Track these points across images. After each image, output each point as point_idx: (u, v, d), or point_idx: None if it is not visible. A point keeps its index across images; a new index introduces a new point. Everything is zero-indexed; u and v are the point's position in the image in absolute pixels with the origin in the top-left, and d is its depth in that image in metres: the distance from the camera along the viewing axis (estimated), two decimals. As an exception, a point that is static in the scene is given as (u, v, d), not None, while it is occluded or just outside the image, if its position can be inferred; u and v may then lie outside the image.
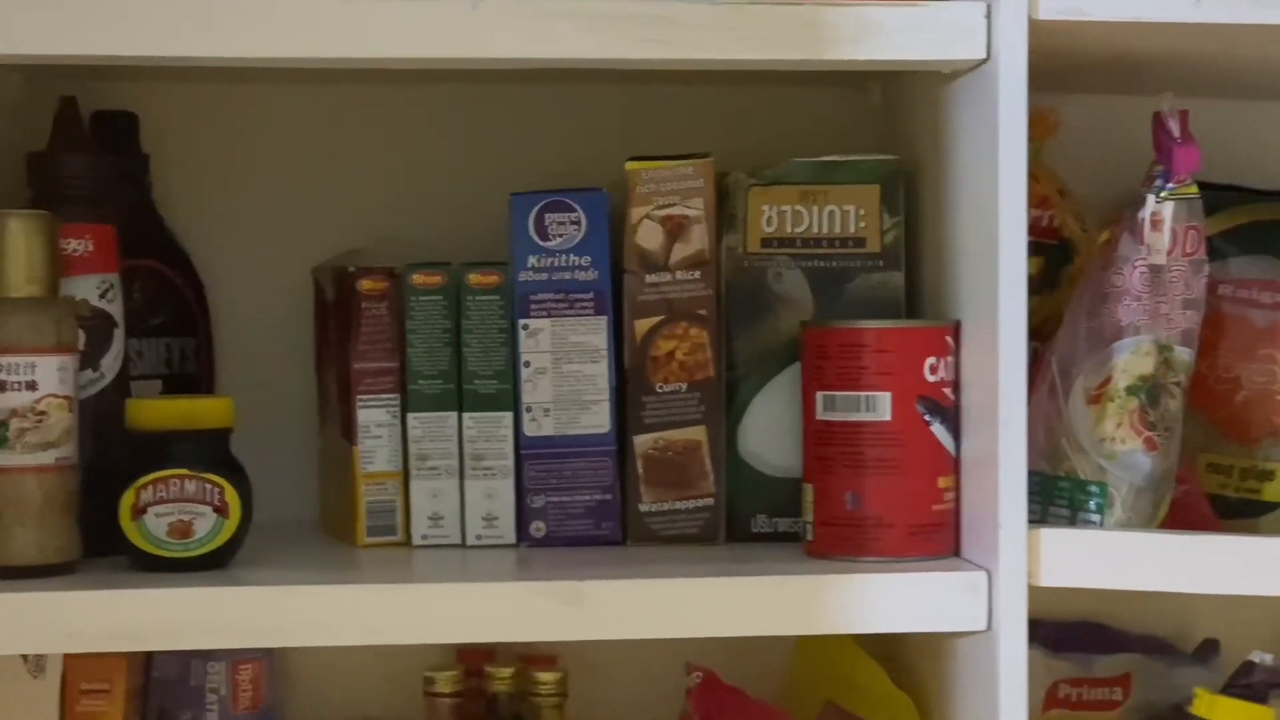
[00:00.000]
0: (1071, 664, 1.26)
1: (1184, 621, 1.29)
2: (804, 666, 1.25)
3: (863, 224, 1.16)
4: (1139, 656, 1.27)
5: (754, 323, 1.16)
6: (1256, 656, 1.19)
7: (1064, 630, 1.27)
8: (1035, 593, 1.24)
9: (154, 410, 1.06)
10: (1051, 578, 1.04)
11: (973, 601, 1.04)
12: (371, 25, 1.01)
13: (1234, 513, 1.21)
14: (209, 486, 1.04)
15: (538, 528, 1.15)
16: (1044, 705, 1.25)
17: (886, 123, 1.25)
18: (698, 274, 1.14)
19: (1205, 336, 1.20)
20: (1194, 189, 1.11)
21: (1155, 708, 1.25)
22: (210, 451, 1.05)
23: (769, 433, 1.16)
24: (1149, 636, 1.29)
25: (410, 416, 1.14)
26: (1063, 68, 1.17)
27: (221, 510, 1.04)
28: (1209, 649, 1.27)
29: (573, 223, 1.14)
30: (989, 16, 1.03)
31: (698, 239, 1.14)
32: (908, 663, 1.19)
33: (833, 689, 1.22)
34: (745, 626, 1.04)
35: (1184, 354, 1.11)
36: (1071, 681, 1.25)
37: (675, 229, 1.14)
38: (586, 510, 1.15)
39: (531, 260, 1.14)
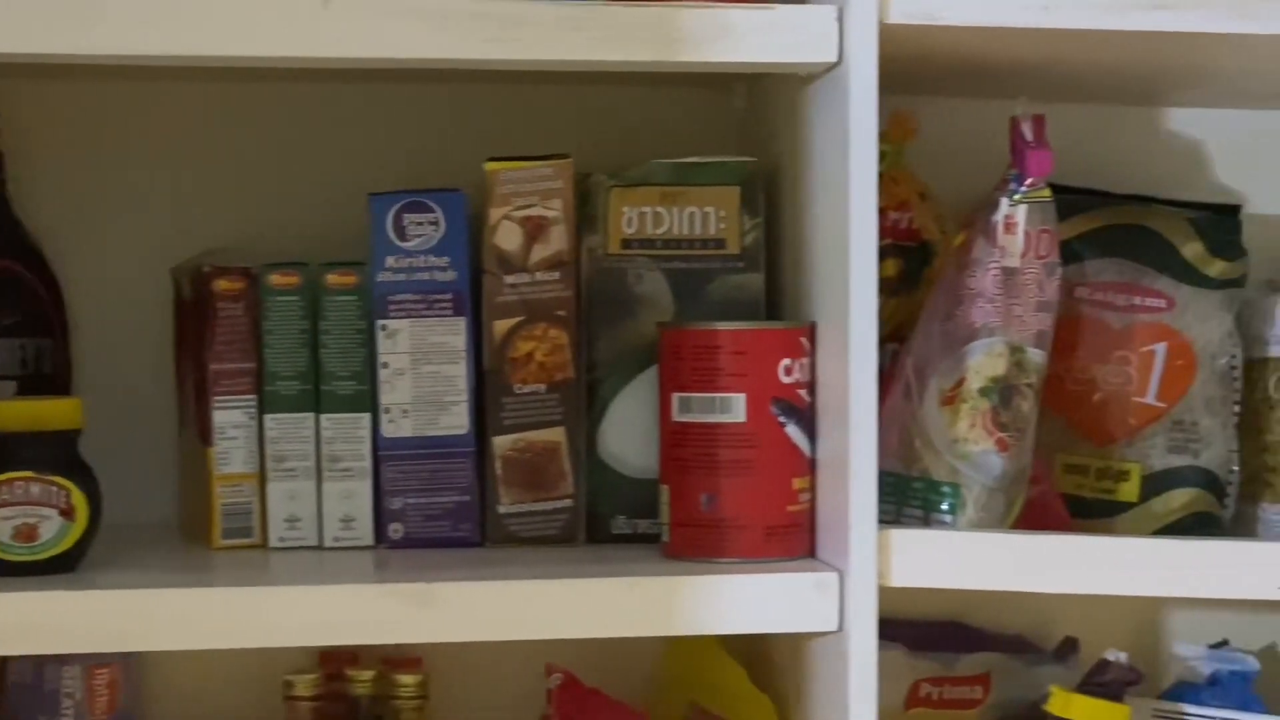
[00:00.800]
0: (933, 663, 1.27)
1: (1045, 620, 1.30)
2: (670, 668, 1.25)
3: (723, 225, 1.17)
4: (1000, 655, 1.28)
5: (614, 324, 1.16)
6: (1111, 655, 1.20)
7: (926, 629, 1.28)
8: (898, 592, 1.25)
9: (-1, 412, 1.05)
10: (902, 578, 1.05)
11: (824, 602, 1.05)
12: (222, 23, 1.00)
13: (1090, 513, 1.23)
14: (54, 489, 1.03)
15: (396, 529, 1.14)
16: (905, 704, 1.26)
17: (749, 125, 1.25)
18: (557, 275, 1.14)
19: (1062, 338, 1.21)
20: (1047, 192, 1.12)
21: (1014, 705, 1.26)
22: (57, 453, 1.04)
23: (629, 434, 1.16)
24: (1010, 635, 1.30)
25: (267, 418, 1.14)
26: (923, 71, 1.18)
27: (67, 513, 1.03)
28: (1068, 647, 1.29)
29: (431, 223, 1.14)
30: (840, 20, 1.04)
31: (557, 240, 1.14)
32: (769, 663, 1.19)
33: (698, 690, 1.22)
34: (597, 628, 1.04)
35: (1036, 355, 1.12)
36: (933, 680, 1.26)
37: (534, 230, 1.14)
38: (445, 512, 1.14)
39: (390, 261, 1.13)
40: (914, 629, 1.28)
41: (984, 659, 1.27)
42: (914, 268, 1.21)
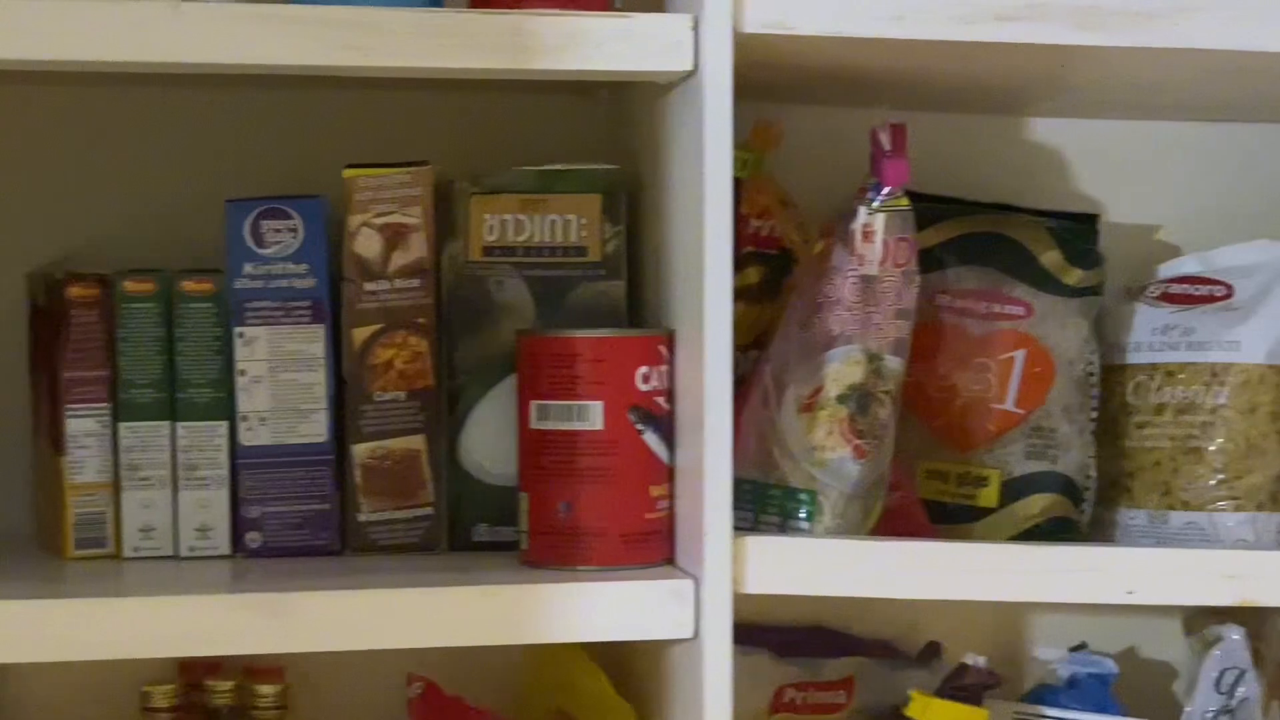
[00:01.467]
0: (799, 668, 1.27)
1: (910, 625, 1.31)
2: (534, 674, 1.25)
3: (584, 233, 1.17)
4: (864, 660, 1.29)
5: (476, 331, 1.16)
6: (970, 659, 1.21)
7: (792, 635, 1.29)
8: (764, 597, 1.26)
9: None
10: (757, 585, 1.06)
11: (679, 610, 1.05)
12: (74, 27, 0.99)
13: (951, 518, 1.24)
14: (-101, 499, 1.01)
15: (254, 538, 1.13)
16: (770, 709, 1.26)
17: (613, 132, 1.25)
18: (417, 282, 1.14)
19: (924, 345, 1.22)
20: (905, 201, 1.13)
21: (878, 710, 1.27)
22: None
23: (490, 441, 1.16)
24: (875, 640, 1.31)
25: (122, 426, 1.12)
26: (784, 79, 1.19)
27: (-89, 524, 1.02)
28: (931, 652, 1.30)
29: (290, 230, 1.13)
30: (695, 29, 1.04)
31: (416, 247, 1.14)
32: (631, 669, 1.20)
33: (561, 697, 1.22)
34: (454, 637, 1.04)
35: (894, 363, 1.13)
36: (797, 685, 1.27)
37: (394, 237, 1.14)
38: (304, 520, 1.13)
39: (247, 268, 1.13)
40: (780, 634, 1.29)
41: (849, 664, 1.28)
42: (775, 275, 1.22)
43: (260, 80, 1.16)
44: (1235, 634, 1.24)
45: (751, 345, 1.20)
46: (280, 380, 1.13)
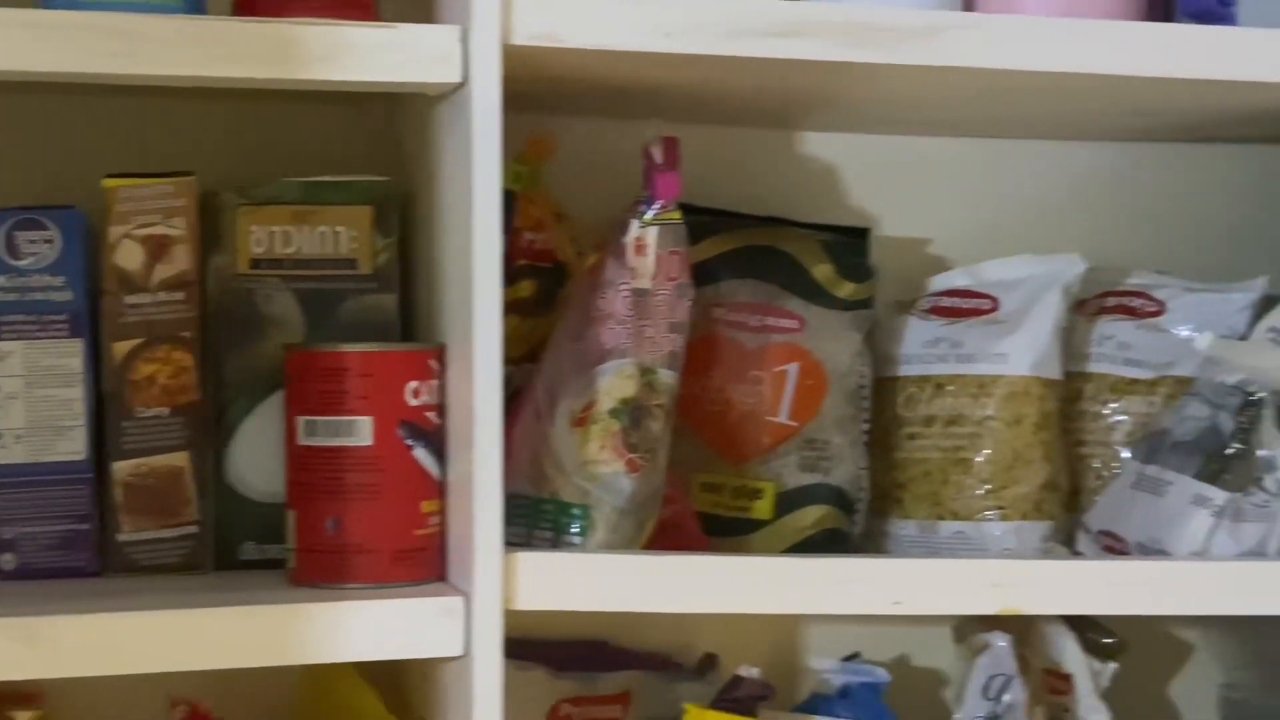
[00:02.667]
0: (575, 683, 1.26)
1: (687, 638, 1.31)
2: (306, 696, 1.23)
3: (355, 245, 1.15)
4: (641, 673, 1.28)
5: (243, 345, 1.14)
6: (744, 670, 1.21)
7: (569, 649, 1.28)
8: (540, 613, 1.26)
9: None
10: (529, 601, 1.05)
11: (449, 627, 1.04)
12: None
13: (726, 531, 1.24)
14: None
15: (8, 560, 1.09)
16: (546, 725, 1.26)
17: (386, 144, 1.24)
18: (181, 295, 1.11)
19: (699, 359, 1.23)
20: (677, 215, 1.13)
21: (653, 723, 1.27)
22: None
23: (258, 458, 1.13)
24: (652, 653, 1.31)
25: None
26: (558, 92, 1.19)
27: None
28: (708, 664, 1.30)
29: (46, 241, 1.09)
30: (464, 40, 1.03)
31: (181, 259, 1.11)
32: (406, 688, 1.18)
33: (334, 717, 1.20)
34: (217, 660, 1.01)
35: (668, 377, 1.13)
36: (573, 701, 1.26)
37: (156, 249, 1.11)
38: (61, 541, 1.10)
39: (1, 280, 1.09)
40: (556, 649, 1.28)
41: (626, 678, 1.28)
42: (549, 289, 1.21)
43: (19, 86, 1.12)
44: (1002, 641, 1.26)
45: (525, 359, 1.19)
46: (36, 396, 1.09)
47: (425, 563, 1.08)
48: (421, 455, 1.08)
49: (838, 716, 1.27)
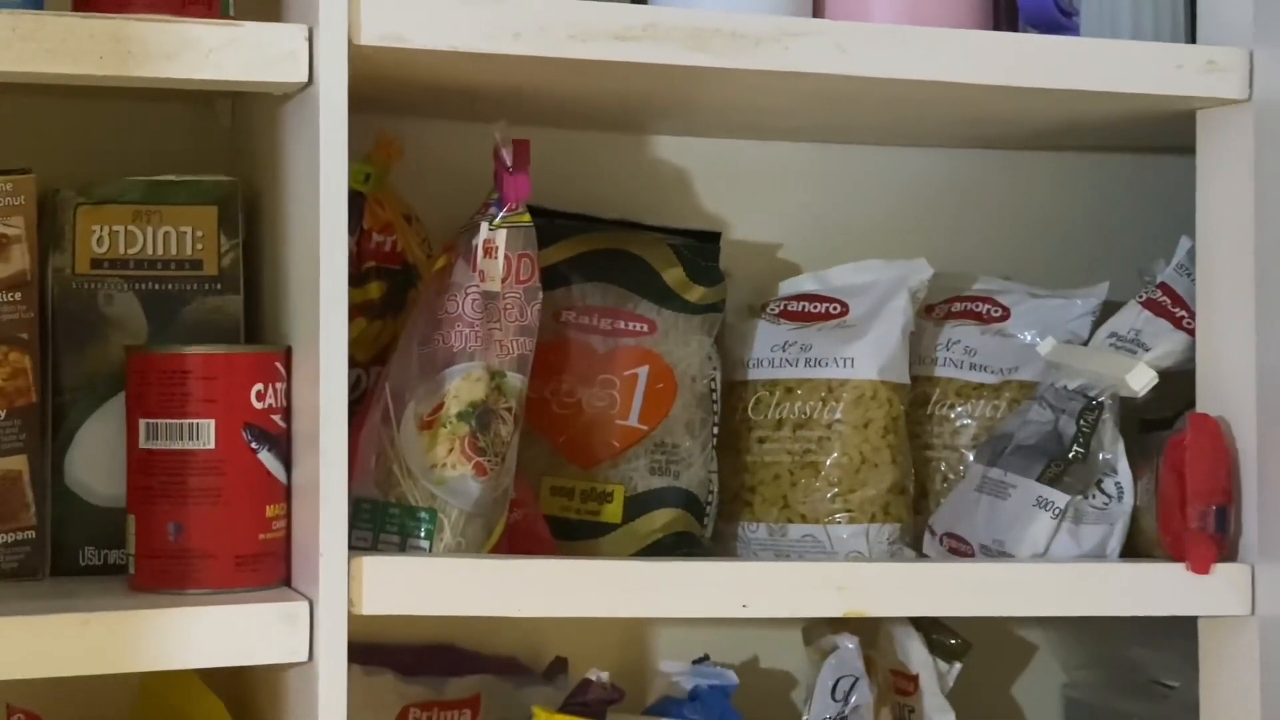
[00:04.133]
0: (424, 687, 1.26)
1: (536, 641, 1.31)
2: (147, 704, 1.21)
3: (199, 246, 1.13)
4: (490, 677, 1.28)
5: (83, 347, 1.12)
6: (593, 674, 1.21)
7: (417, 654, 1.27)
8: (389, 617, 1.25)
9: None
10: (374, 605, 1.04)
11: (293, 633, 1.03)
12: None
13: (576, 534, 1.24)
14: None
15: None
16: (394, 730, 1.25)
17: (235, 144, 1.22)
18: (18, 296, 1.09)
19: (549, 362, 1.23)
20: (526, 217, 1.13)
21: (503, 727, 1.26)
22: None
23: (98, 461, 1.11)
24: (501, 657, 1.30)
25: None
26: (407, 93, 1.18)
27: None
28: (558, 668, 1.30)
29: (-122, 239, 1.07)
30: (310, 40, 1.02)
31: (18, 259, 1.08)
32: (250, 695, 1.16)
33: (176, 724, 1.19)
34: (50, 668, 0.99)
35: (516, 380, 1.13)
36: (422, 705, 1.25)
37: (-7, 248, 1.09)
38: (-108, 547, 1.08)
39: None
40: (405, 653, 1.27)
41: (474, 682, 1.27)
42: (398, 291, 1.20)
43: None
44: (849, 643, 1.27)
45: (373, 361, 1.18)
46: None
47: (269, 568, 1.07)
48: (266, 459, 1.07)
49: (686, 719, 1.28)
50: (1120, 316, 1.25)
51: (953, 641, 1.31)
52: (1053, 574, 1.14)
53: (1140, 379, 1.19)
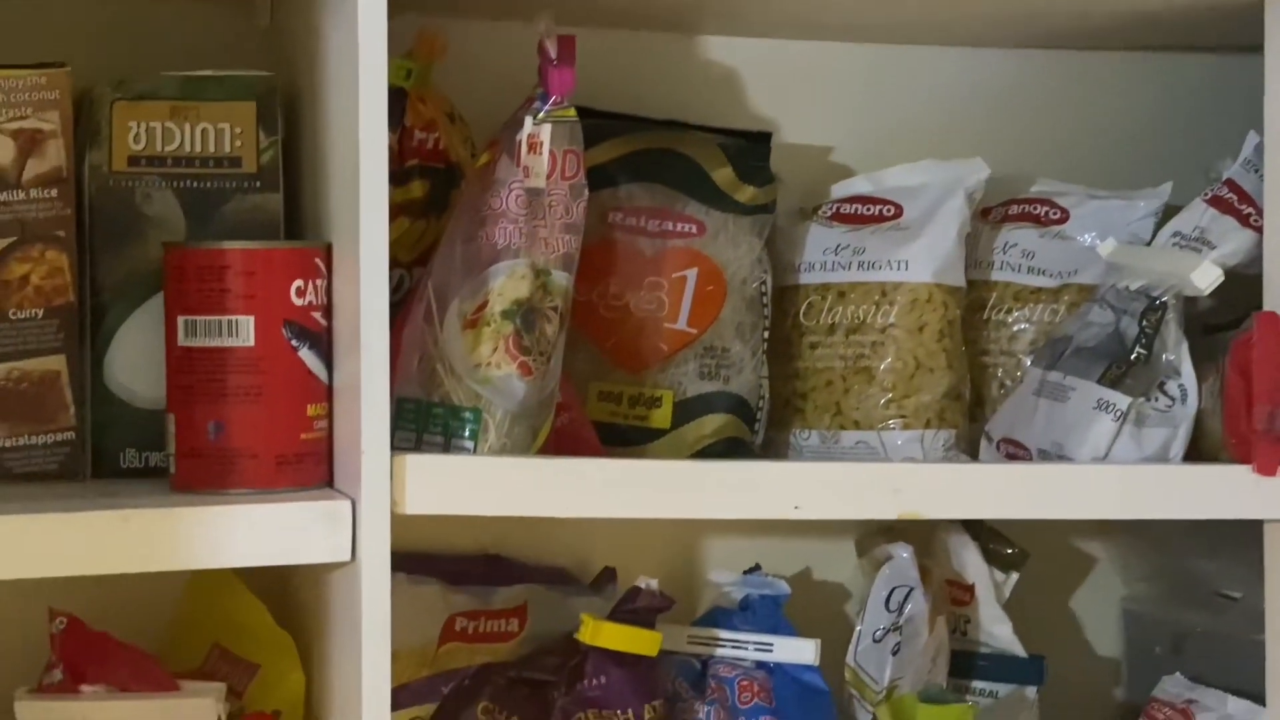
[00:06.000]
0: (470, 597, 1.24)
1: (585, 553, 1.29)
2: (191, 610, 1.19)
3: (238, 143, 1.11)
4: (538, 587, 1.26)
5: (122, 246, 1.10)
6: (642, 582, 1.19)
7: (464, 564, 1.26)
8: (436, 527, 1.23)
9: None
10: (417, 505, 1.02)
11: (335, 532, 1.01)
12: None
13: (624, 440, 1.22)
14: None
15: (-125, 467, 1.06)
16: (440, 640, 1.22)
17: (272, 43, 1.20)
18: (54, 193, 1.07)
19: (596, 265, 1.20)
20: (571, 112, 1.10)
21: (550, 636, 1.24)
22: None
23: (138, 363, 1.10)
24: (549, 567, 1.28)
25: None
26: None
27: None
28: (606, 578, 1.27)
29: (-88, 135, 1.05)
30: (348, -76, 1.00)
31: (54, 155, 1.07)
32: (295, 599, 1.15)
33: (220, 631, 1.17)
34: (91, 565, 0.98)
35: (562, 278, 1.10)
36: (468, 614, 1.23)
37: (28, 144, 1.06)
38: (-69, 448, 1.06)
39: None
40: (452, 563, 1.25)
41: (522, 592, 1.25)
42: (441, 190, 1.18)
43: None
44: (904, 552, 1.25)
45: (417, 262, 1.16)
46: (-96, 297, 1.05)
47: (311, 468, 1.05)
48: (307, 357, 1.05)
49: (737, 629, 1.26)
50: (1184, 215, 1.21)
51: (1009, 551, 1.29)
52: (1112, 476, 1.11)
53: (1206, 277, 1.16)
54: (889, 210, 1.27)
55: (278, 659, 1.14)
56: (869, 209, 1.27)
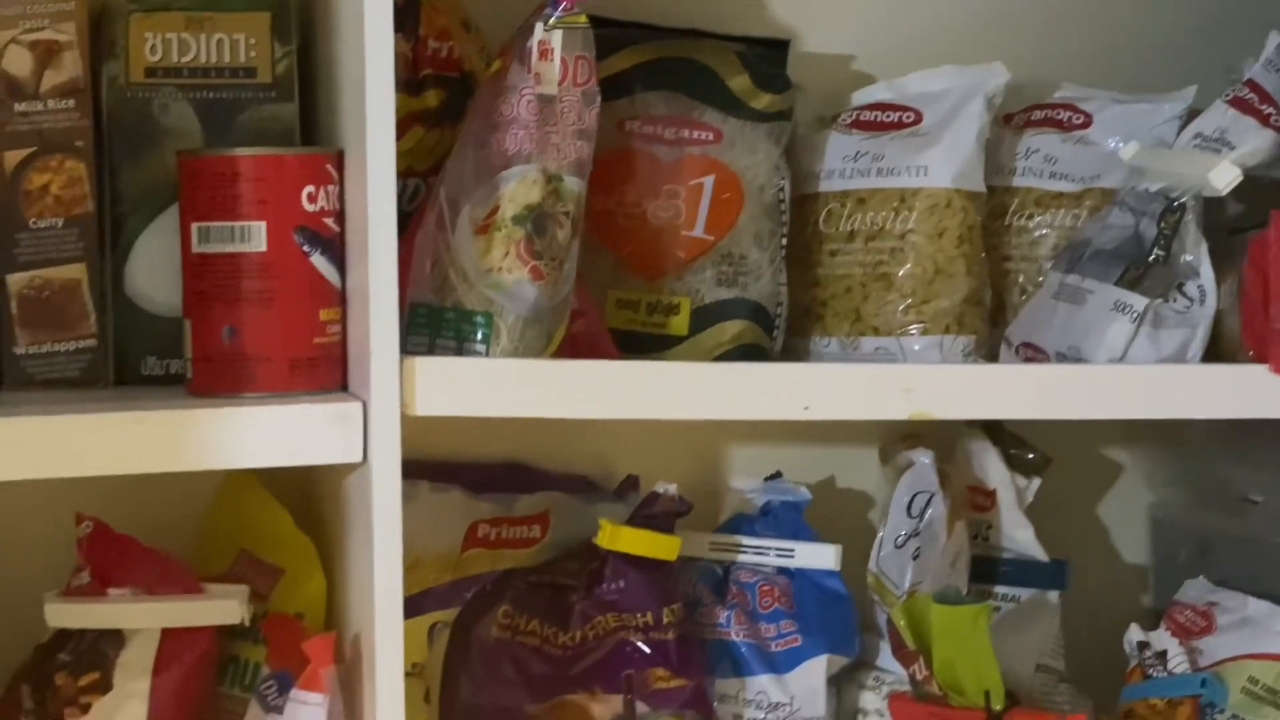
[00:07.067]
0: (493, 504, 1.25)
1: (608, 461, 1.30)
2: (219, 519, 1.22)
3: (253, 53, 1.12)
4: (560, 495, 1.27)
5: (139, 157, 1.11)
6: (661, 487, 1.20)
7: (487, 472, 1.27)
8: (460, 436, 1.24)
9: None
10: (427, 407, 1.03)
11: (346, 432, 1.02)
12: None
13: (642, 348, 1.22)
14: None
15: (-100, 373, 1.08)
16: (462, 546, 1.24)
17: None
18: (72, 103, 1.08)
19: (612, 173, 1.20)
20: (582, 19, 1.10)
21: (572, 543, 1.25)
22: None
23: (157, 271, 1.11)
24: (572, 475, 1.29)
25: None
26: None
27: None
28: (629, 485, 1.28)
29: (-70, 48, 1.07)
30: None
31: (70, 65, 1.08)
32: (316, 506, 1.17)
33: (246, 538, 1.19)
34: (110, 465, 1.00)
35: (574, 184, 1.11)
36: (491, 521, 1.25)
37: (45, 54, 1.08)
38: (-44, 355, 1.08)
39: (-114, 88, 1.07)
40: (474, 471, 1.26)
41: (544, 499, 1.26)
42: (456, 100, 1.18)
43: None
44: (925, 458, 1.25)
45: (431, 171, 1.16)
46: (-75, 207, 1.07)
47: (325, 372, 1.07)
48: (319, 262, 1.06)
49: (759, 535, 1.27)
50: (1206, 116, 1.20)
51: (1031, 456, 1.29)
52: (1127, 375, 1.11)
53: (1224, 177, 1.14)
54: (908, 117, 1.26)
55: (300, 563, 1.16)
56: (888, 115, 1.26)
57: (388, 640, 1.00)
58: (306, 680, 1.05)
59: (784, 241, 1.24)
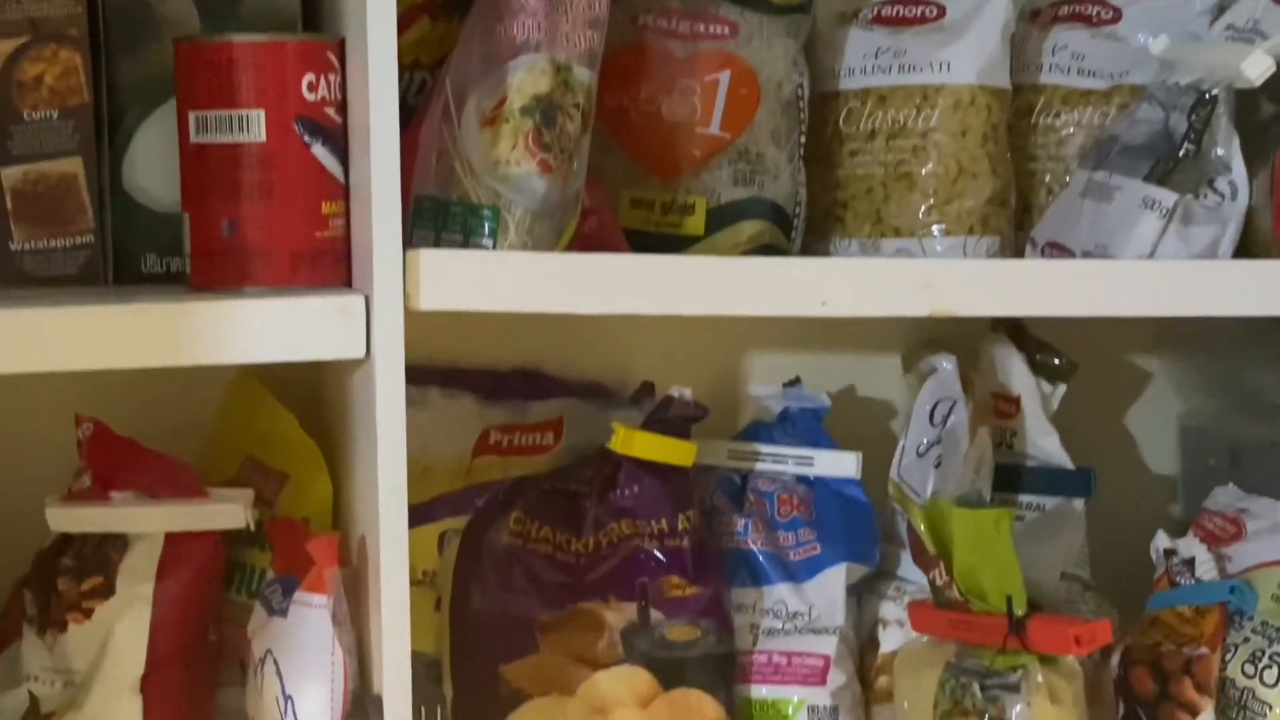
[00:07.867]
0: (505, 410, 1.23)
1: (623, 368, 1.27)
2: (225, 427, 1.19)
3: (253, -60, 1.09)
4: (574, 401, 1.24)
5: (137, 47, 1.08)
6: (675, 391, 1.17)
7: (499, 378, 1.24)
8: (471, 341, 1.22)
9: None
10: (430, 300, 1.00)
11: (348, 326, 0.99)
12: None
13: (658, 248, 1.18)
14: None
15: (-105, 269, 1.06)
16: (473, 453, 1.21)
17: None
18: (66, -10, 1.06)
19: (626, 69, 1.17)
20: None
21: (586, 449, 1.22)
22: None
23: (157, 166, 1.09)
24: (586, 382, 1.26)
25: None
26: None
27: None
28: (645, 392, 1.25)
29: (-79, -67, 1.04)
30: None
31: (65, -48, 1.06)
32: (322, 411, 1.15)
33: (252, 444, 1.17)
34: (107, 359, 0.97)
35: (584, 75, 1.07)
36: (502, 428, 1.22)
37: (39, -59, 1.05)
38: (-49, 250, 1.06)
39: (-124, -25, 1.04)
40: (486, 377, 1.24)
41: (557, 405, 1.24)
42: (464, -10, 1.15)
43: None
44: (947, 363, 1.22)
45: (439, 64, 1.13)
46: (-85, 100, 1.05)
47: (328, 267, 1.04)
48: (320, 153, 1.03)
49: (778, 442, 1.24)
50: (1237, 7, 1.16)
51: (1057, 361, 1.25)
52: (1154, 271, 1.07)
53: (1257, 67, 1.10)
54: (931, 11, 1.22)
55: (306, 467, 1.14)
56: (910, 10, 1.22)
57: (392, 537, 0.98)
58: (310, 582, 1.02)
59: (802, 140, 1.20)
